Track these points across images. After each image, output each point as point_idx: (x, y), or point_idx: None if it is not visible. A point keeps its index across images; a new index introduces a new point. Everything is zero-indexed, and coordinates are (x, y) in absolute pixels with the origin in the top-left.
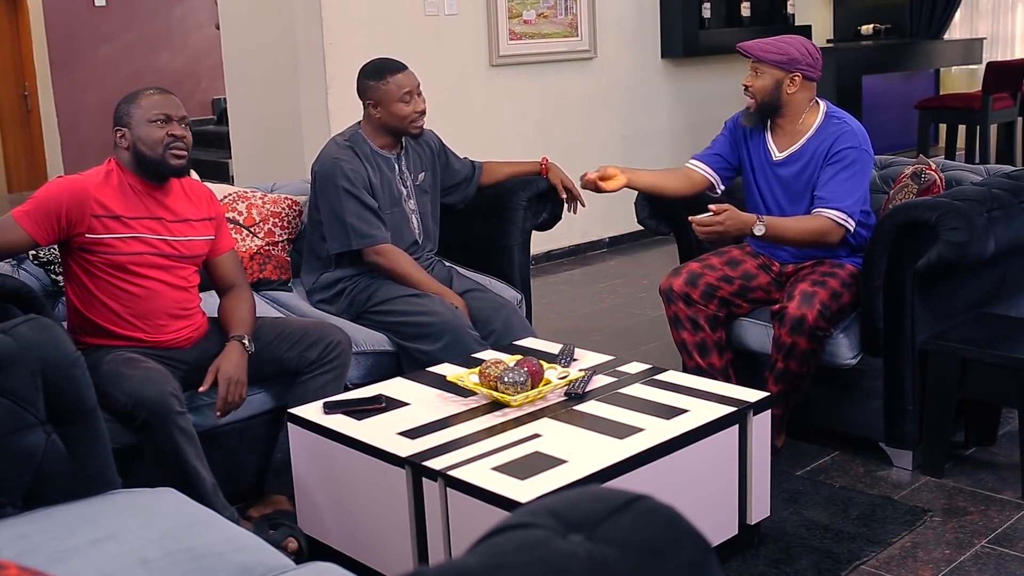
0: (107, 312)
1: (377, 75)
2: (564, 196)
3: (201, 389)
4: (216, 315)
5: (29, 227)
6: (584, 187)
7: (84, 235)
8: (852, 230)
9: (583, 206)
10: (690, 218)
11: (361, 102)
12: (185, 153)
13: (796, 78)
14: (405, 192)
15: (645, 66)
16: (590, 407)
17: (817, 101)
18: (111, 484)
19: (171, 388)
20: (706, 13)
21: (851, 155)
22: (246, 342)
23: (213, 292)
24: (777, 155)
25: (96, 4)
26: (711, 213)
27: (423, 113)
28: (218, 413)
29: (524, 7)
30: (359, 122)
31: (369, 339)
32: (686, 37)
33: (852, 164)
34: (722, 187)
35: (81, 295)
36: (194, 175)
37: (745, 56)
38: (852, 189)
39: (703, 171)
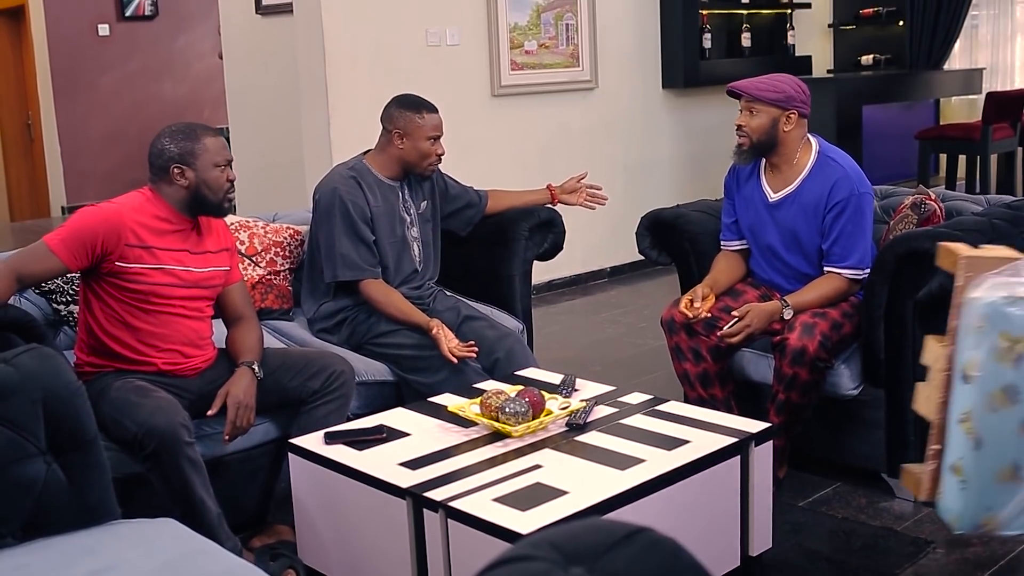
0: (123, 337)
1: (415, 108)
2: (590, 202)
3: (209, 413)
4: (224, 345)
5: (63, 255)
6: (685, 322)
7: (115, 263)
8: (866, 277)
9: (606, 198)
10: (719, 335)
11: (383, 129)
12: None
13: (792, 116)
14: (408, 219)
15: (646, 96)
16: (591, 438)
17: (809, 138)
18: (111, 514)
19: (181, 418)
20: (707, 44)
21: (851, 203)
22: (256, 368)
23: (221, 321)
24: (772, 196)
25: (100, 33)
26: (736, 320)
27: (441, 157)
28: (226, 437)
29: (526, 37)
30: (365, 152)
31: (370, 369)
32: (687, 68)
33: (854, 213)
34: None
35: (98, 320)
36: None
37: (734, 97)
38: (859, 239)
39: (739, 247)
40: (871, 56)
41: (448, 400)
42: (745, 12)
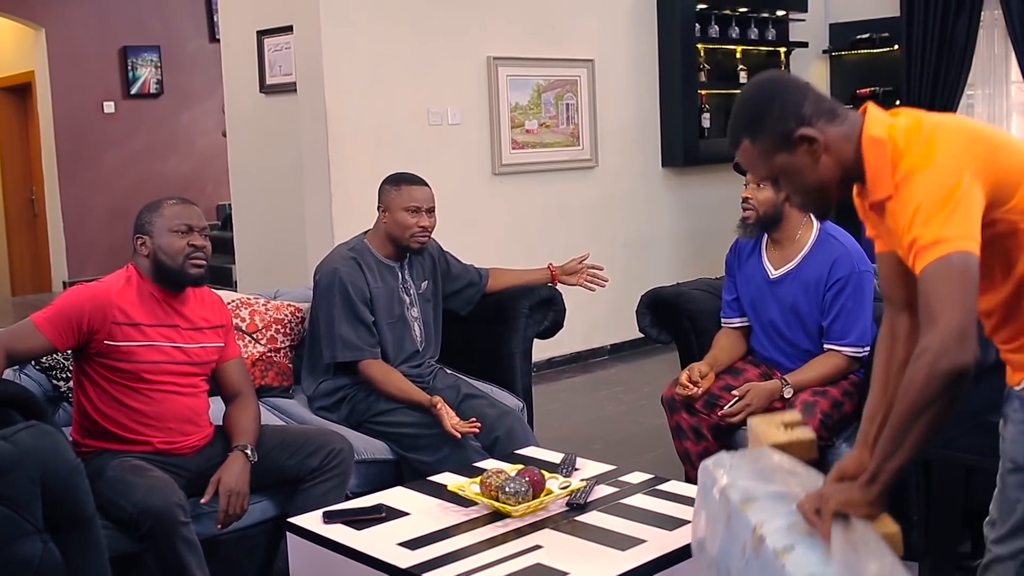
0: (117, 417)
1: (394, 182)
2: (591, 283)
3: (203, 501)
4: (221, 421)
5: (49, 333)
6: (683, 399)
7: (103, 341)
8: (867, 354)
9: (607, 279)
10: (719, 414)
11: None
12: (204, 263)
13: None
14: (408, 300)
15: (646, 174)
16: (592, 518)
17: (811, 216)
18: None
19: (177, 498)
20: (706, 123)
21: (851, 280)
22: (248, 452)
23: (219, 397)
24: (773, 273)
25: (105, 110)
26: (736, 399)
27: (425, 229)
28: (219, 526)
29: (526, 117)
30: (366, 232)
31: (370, 447)
32: (686, 146)
33: (854, 291)
34: None
35: (92, 400)
36: None
37: (740, 172)
38: (859, 316)
39: (740, 324)
40: None
41: (448, 479)
42: None
